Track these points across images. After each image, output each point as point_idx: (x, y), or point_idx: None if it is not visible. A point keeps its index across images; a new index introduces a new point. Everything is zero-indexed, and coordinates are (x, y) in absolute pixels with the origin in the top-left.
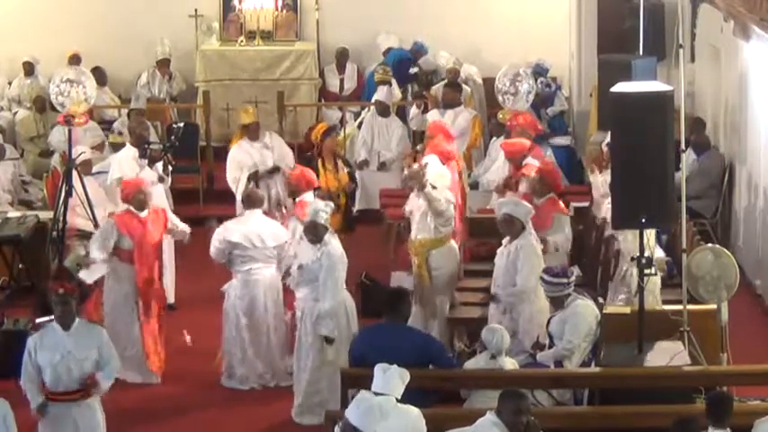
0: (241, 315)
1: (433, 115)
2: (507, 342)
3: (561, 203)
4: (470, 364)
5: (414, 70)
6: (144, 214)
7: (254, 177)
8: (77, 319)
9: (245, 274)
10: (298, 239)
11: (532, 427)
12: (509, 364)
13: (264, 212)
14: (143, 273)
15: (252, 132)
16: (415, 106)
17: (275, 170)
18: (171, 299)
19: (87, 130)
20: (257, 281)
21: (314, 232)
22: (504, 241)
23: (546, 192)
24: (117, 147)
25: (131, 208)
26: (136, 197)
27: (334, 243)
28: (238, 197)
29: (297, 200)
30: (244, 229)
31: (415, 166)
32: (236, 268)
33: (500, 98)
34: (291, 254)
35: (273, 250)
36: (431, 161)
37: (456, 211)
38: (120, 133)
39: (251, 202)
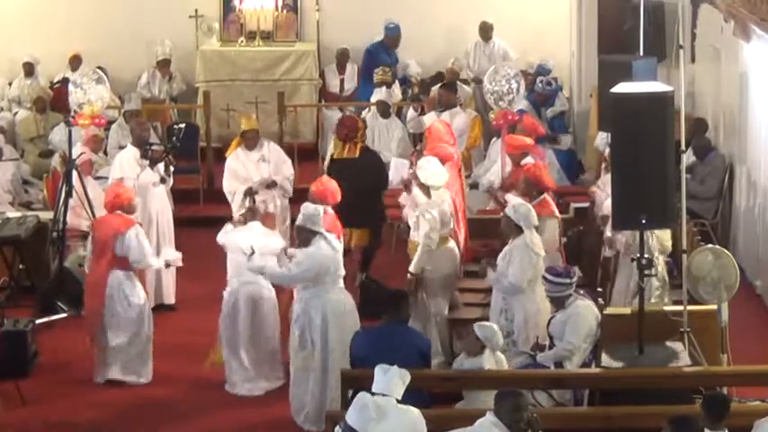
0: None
1: (430, 117)
2: (501, 338)
3: (553, 205)
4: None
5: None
6: None
7: (250, 193)
8: None
9: (231, 281)
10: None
11: (534, 423)
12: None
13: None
14: None
15: (249, 141)
16: (411, 109)
17: (272, 185)
18: (171, 299)
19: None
20: (238, 290)
21: (300, 236)
22: (508, 242)
23: (536, 193)
24: None
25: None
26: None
27: (321, 244)
28: (234, 209)
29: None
30: (235, 235)
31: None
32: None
33: (487, 98)
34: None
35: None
36: (430, 161)
37: (458, 210)
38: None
39: (252, 216)
